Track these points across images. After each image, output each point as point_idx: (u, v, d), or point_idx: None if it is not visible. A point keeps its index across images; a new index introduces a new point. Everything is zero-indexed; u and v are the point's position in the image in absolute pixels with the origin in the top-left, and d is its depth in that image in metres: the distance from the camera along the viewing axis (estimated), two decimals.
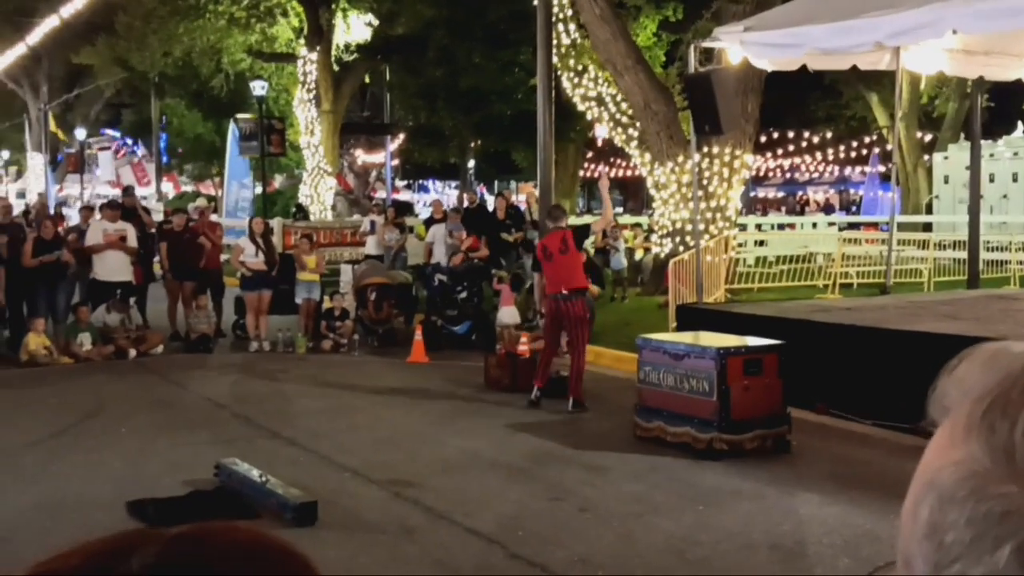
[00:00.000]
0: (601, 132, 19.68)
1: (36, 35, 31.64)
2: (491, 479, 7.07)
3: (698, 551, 5.63)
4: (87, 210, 15.46)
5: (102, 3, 26.39)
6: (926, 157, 26.14)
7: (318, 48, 24.94)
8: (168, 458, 7.65)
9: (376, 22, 26.02)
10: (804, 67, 11.98)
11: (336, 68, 25.89)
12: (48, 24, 30.25)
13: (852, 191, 42.70)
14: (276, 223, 19.77)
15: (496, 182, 44.59)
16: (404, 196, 42.35)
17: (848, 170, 38.57)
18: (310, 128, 25.44)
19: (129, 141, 46.32)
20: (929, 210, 24.10)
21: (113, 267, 13.00)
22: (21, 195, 39.06)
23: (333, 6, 25.32)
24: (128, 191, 16.96)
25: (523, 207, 19.88)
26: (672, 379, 7.81)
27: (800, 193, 45.20)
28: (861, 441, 8.20)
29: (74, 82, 40.36)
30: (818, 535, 5.94)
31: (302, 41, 25.34)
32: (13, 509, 6.40)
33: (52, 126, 37.87)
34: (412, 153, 36.86)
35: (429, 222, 16.59)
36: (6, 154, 51.71)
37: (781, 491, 6.73)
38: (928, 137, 27.00)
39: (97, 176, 43.92)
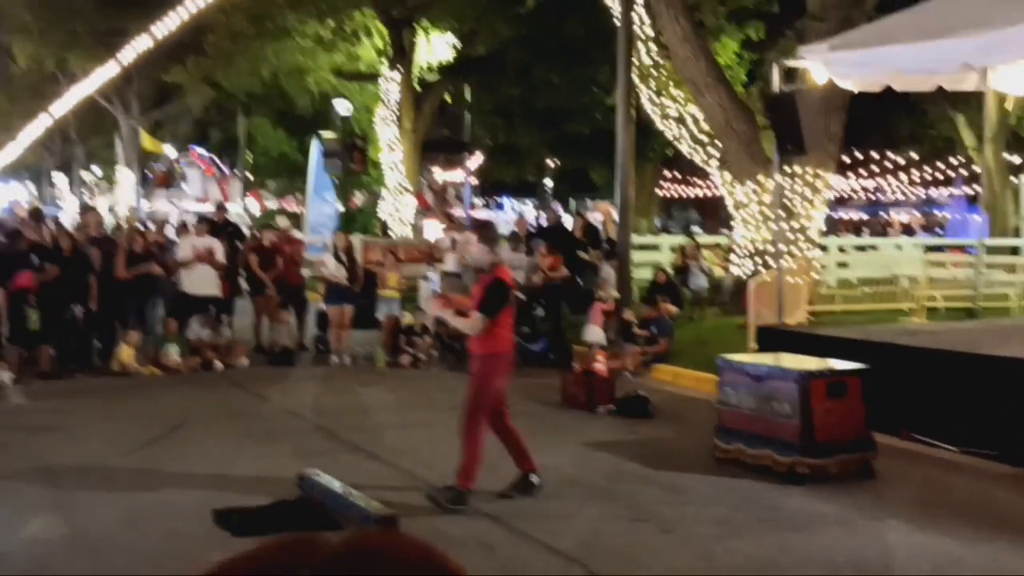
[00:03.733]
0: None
1: (128, 54, 32.60)
2: (571, 497, 7.08)
3: (781, 573, 5.56)
4: (183, 228, 15.79)
5: (192, 23, 27.12)
6: (1014, 179, 25.49)
7: (400, 68, 25.33)
8: (252, 468, 7.81)
9: (457, 42, 26.32)
10: (889, 87, 11.82)
11: (417, 87, 26.25)
12: (140, 44, 31.17)
13: (937, 213, 41.75)
14: (357, 239, 20.06)
15: (572, 200, 44.62)
16: (481, 214, 42.61)
17: (933, 191, 37.74)
18: (391, 146, 25.81)
19: (216, 159, 47.45)
20: (1018, 233, 23.47)
21: (201, 281, 13.33)
22: (111, 209, 40.20)
23: (415, 26, 25.68)
24: (220, 207, 17.46)
25: (599, 226, 19.89)
26: (753, 401, 7.74)
27: (883, 215, 44.33)
28: (947, 467, 8.02)
29: (163, 100, 41.50)
30: (904, 561, 5.83)
31: (385, 61, 25.75)
32: (104, 518, 6.58)
33: (146, 141, 38.94)
34: (490, 171, 37.16)
35: (513, 238, 16.59)
36: (98, 170, 53.40)
37: (865, 516, 6.62)
38: (1017, 159, 26.33)
39: (186, 192, 45.08)
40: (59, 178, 61.36)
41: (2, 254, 13.33)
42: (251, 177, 41.54)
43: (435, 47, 26.63)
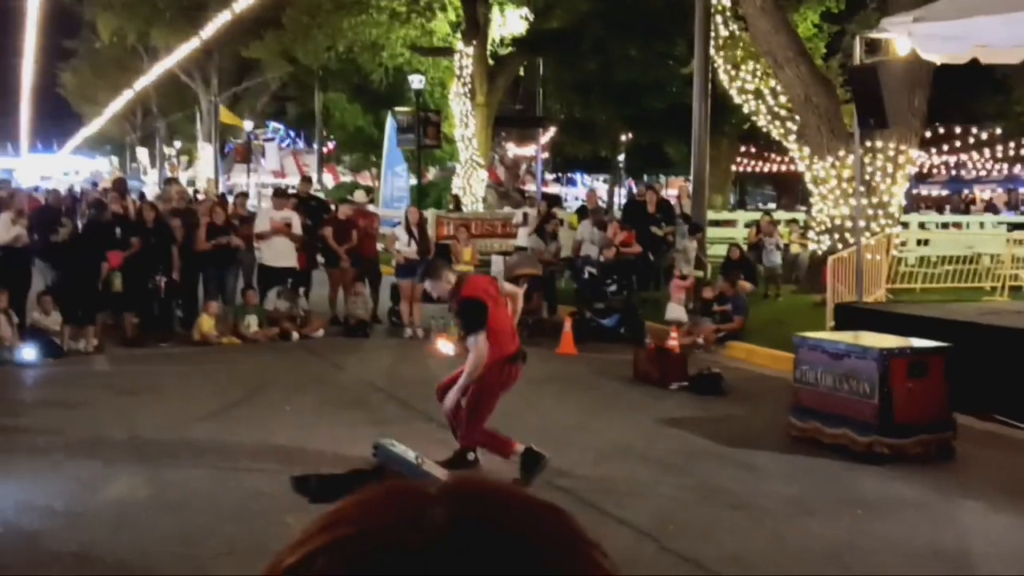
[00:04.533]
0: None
1: (208, 30, 33.14)
2: (642, 472, 7.07)
3: (856, 557, 5.50)
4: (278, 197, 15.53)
5: None
6: None
7: (474, 42, 25.31)
8: (328, 435, 7.96)
9: (531, 16, 26.21)
10: (974, 60, 11.47)
11: (491, 62, 26.21)
12: (220, 19, 31.66)
13: (1021, 190, 40.52)
14: (430, 214, 20.20)
15: (645, 176, 44.28)
16: (552, 189, 42.55)
17: (1017, 168, 36.60)
18: (464, 121, 25.85)
19: (292, 133, 48.08)
20: None
21: (279, 253, 13.55)
22: (192, 183, 41.08)
23: (490, 0, 25.62)
24: (307, 180, 17.75)
25: (674, 201, 19.72)
26: (831, 379, 7.63)
27: (966, 191, 43.18)
28: None
29: (242, 75, 42.16)
30: (984, 545, 5.72)
31: (459, 35, 25.76)
32: (186, 478, 6.78)
33: (225, 115, 39.59)
34: (563, 146, 37.02)
35: (582, 212, 16.55)
36: (178, 144, 54.48)
37: (945, 499, 6.50)
38: None
39: (263, 166, 45.81)
40: (141, 152, 62.83)
41: (89, 222, 13.75)
42: (328, 151, 41.97)
43: (509, 21, 26.56)
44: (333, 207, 16.09)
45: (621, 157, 39.24)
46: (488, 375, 6.74)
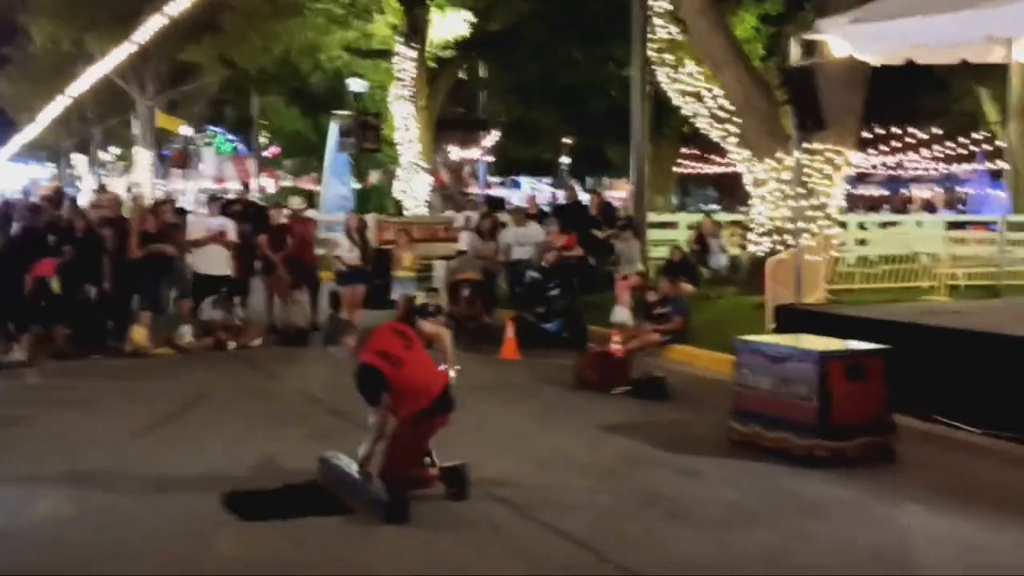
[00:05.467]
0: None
1: (143, 33, 32.52)
2: (582, 480, 6.97)
3: (796, 561, 5.44)
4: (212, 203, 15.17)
5: (206, 2, 27.00)
6: None
7: (414, 44, 25.11)
8: (264, 448, 7.74)
9: (472, 18, 26.08)
10: (911, 60, 11.56)
11: (432, 64, 26.04)
12: (155, 23, 31.08)
13: (959, 189, 41.26)
14: (371, 218, 19.95)
15: (588, 178, 44.39)
16: (498, 192, 42.46)
17: (955, 167, 37.26)
18: (406, 124, 25.64)
19: (232, 138, 47.44)
20: None
21: (213, 261, 13.27)
22: (129, 189, 40.30)
23: (429, 2, 25.45)
24: (245, 187, 17.43)
25: (620, 204, 19.71)
26: (770, 382, 7.59)
27: (904, 191, 43.87)
28: (970, 450, 7.86)
29: (179, 79, 41.45)
30: (924, 549, 5.70)
31: (399, 38, 25.54)
32: (116, 495, 6.56)
33: (162, 120, 38.92)
34: (506, 149, 36.97)
35: (557, 213, 16.34)
36: (115, 149, 53.51)
37: (885, 501, 6.48)
38: None
39: (201, 171, 45.12)
40: (77, 158, 61.62)
41: (22, 231, 13.37)
42: (269, 155, 41.49)
43: (450, 23, 26.41)
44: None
45: (565, 159, 39.29)
46: (401, 431, 6.25)
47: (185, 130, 40.74)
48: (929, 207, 38.41)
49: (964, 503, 6.39)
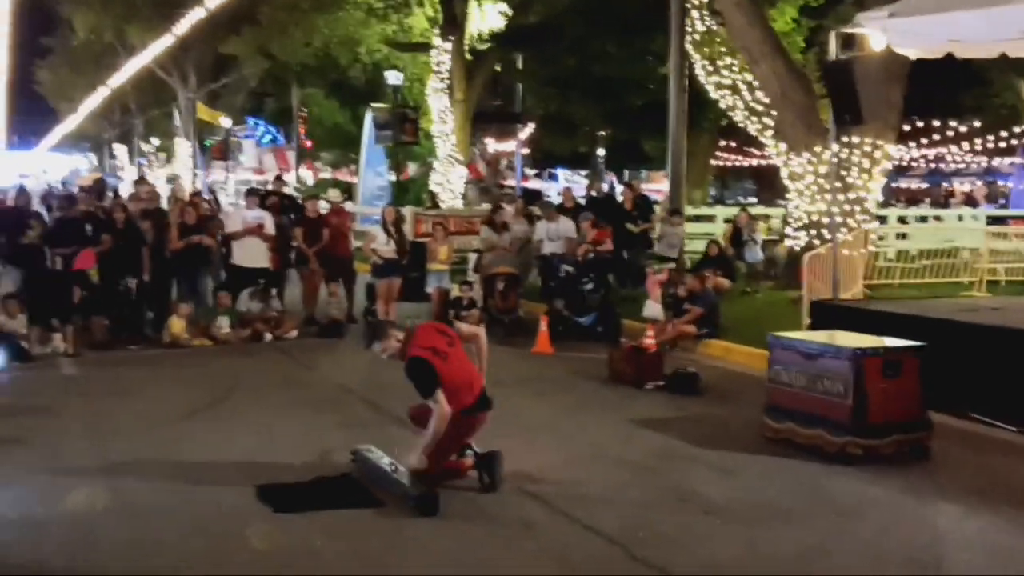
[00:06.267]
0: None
1: (184, 25, 32.84)
2: (615, 476, 6.97)
3: (828, 561, 5.40)
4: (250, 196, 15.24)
5: None
6: None
7: (452, 38, 25.14)
8: (298, 438, 7.84)
9: (510, 11, 26.06)
10: (950, 55, 11.40)
11: (469, 57, 26.06)
12: (196, 15, 31.38)
13: (1000, 183, 40.64)
14: (408, 211, 20.03)
15: (626, 171, 44.21)
16: (533, 184, 42.41)
17: (996, 161, 36.67)
18: (442, 117, 25.69)
19: (273, 130, 47.78)
20: None
21: (251, 253, 13.39)
22: (170, 180, 40.78)
23: None
24: (279, 179, 17.55)
25: (661, 196, 19.61)
26: (805, 379, 7.54)
27: (945, 185, 43.28)
28: (1006, 449, 7.77)
29: (220, 71, 41.82)
30: (958, 550, 5.65)
31: (437, 31, 25.59)
32: (149, 486, 6.64)
33: (203, 112, 39.27)
34: (542, 142, 36.92)
35: (560, 210, 16.32)
36: (156, 140, 54.10)
37: (919, 501, 6.42)
38: None
39: (241, 163, 45.48)
40: (119, 149, 62.39)
41: (57, 221, 13.55)
42: (309, 146, 41.73)
43: (487, 16, 26.42)
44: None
45: (601, 152, 39.18)
46: (448, 426, 6.34)
47: (225, 121, 41.09)
48: (971, 201, 37.89)
49: (999, 503, 6.32)
